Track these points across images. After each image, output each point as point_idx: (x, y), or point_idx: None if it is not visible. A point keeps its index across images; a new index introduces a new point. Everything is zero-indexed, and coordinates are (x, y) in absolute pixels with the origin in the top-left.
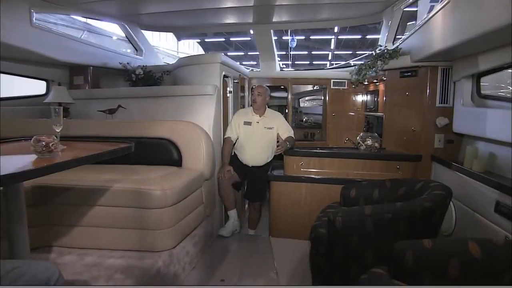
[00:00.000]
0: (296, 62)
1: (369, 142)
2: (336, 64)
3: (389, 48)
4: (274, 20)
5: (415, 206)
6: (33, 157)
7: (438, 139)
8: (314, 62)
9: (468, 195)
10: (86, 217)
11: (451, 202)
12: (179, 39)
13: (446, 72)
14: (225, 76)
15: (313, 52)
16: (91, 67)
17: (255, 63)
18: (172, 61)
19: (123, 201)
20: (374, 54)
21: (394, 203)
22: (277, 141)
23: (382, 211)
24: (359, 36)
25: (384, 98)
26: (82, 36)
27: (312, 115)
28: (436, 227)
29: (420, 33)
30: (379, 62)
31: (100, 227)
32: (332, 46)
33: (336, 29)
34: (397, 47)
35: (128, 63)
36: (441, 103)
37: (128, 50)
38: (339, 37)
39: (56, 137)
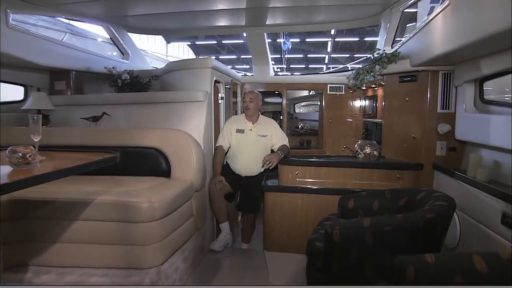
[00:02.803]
0: (291, 66)
1: (367, 150)
2: (333, 67)
3: (387, 52)
4: (267, 22)
5: (416, 218)
6: (8, 169)
7: (440, 147)
8: (310, 66)
9: (473, 206)
10: (66, 233)
11: (455, 213)
12: (168, 41)
13: (447, 77)
14: (216, 82)
15: (309, 55)
16: (74, 72)
17: (249, 66)
18: (161, 65)
19: (107, 214)
20: (372, 58)
21: (394, 215)
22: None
23: (381, 224)
24: (357, 39)
25: (383, 104)
26: (64, 39)
27: (308, 122)
28: (439, 240)
29: (419, 36)
30: (377, 67)
31: (82, 243)
32: (329, 49)
33: (332, 32)
34: (396, 50)
35: (113, 67)
36: (443, 109)
37: (114, 53)
38: (336, 39)
39: (34, 147)
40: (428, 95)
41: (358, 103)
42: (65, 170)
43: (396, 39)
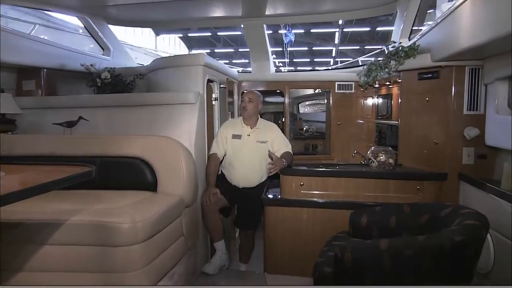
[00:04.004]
0: (294, 60)
1: (382, 157)
2: (341, 61)
3: (404, 45)
4: (267, 12)
5: (443, 240)
6: None
7: (467, 154)
8: (315, 60)
9: (508, 223)
10: (33, 260)
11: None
12: (157, 34)
13: (475, 73)
14: (209, 81)
15: (314, 48)
16: (45, 70)
17: (247, 61)
18: (150, 60)
19: (81, 237)
20: (386, 52)
21: (416, 236)
22: (270, 158)
23: (401, 246)
24: (368, 29)
25: (399, 103)
26: (34, 32)
27: (314, 123)
28: (470, 265)
29: (443, 27)
30: (392, 62)
31: (51, 271)
32: (336, 41)
33: (340, 22)
34: (414, 43)
35: (92, 64)
36: (470, 110)
37: (96, 48)
38: (344, 30)
39: None
40: (453, 94)
41: (370, 103)
42: (26, 191)
43: (414, 28)
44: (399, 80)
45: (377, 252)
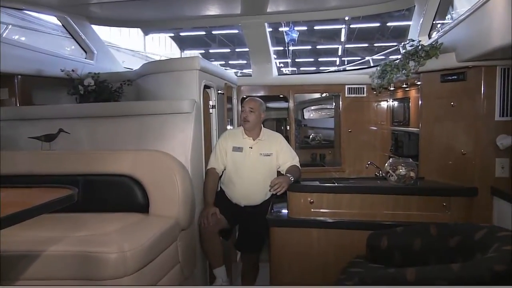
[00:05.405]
0: (297, 60)
1: (402, 170)
2: (348, 60)
3: (424, 44)
4: (269, 10)
5: (480, 270)
6: None
7: (500, 165)
8: (320, 59)
9: None
10: None
11: None
12: (146, 33)
13: (508, 74)
14: (206, 87)
15: (318, 47)
16: (19, 76)
17: (245, 62)
18: (139, 63)
19: (62, 270)
20: (403, 51)
21: (448, 265)
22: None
23: (431, 277)
24: (378, 24)
25: (420, 108)
26: (6, 33)
27: (321, 130)
28: None
29: (471, 23)
30: (411, 63)
31: None
32: (343, 38)
33: (347, 17)
34: (436, 42)
35: (73, 69)
36: (502, 115)
37: (80, 51)
38: (351, 26)
39: None
40: (482, 98)
41: (384, 108)
42: None
43: (434, 22)
44: (418, 83)
45: (403, 283)
